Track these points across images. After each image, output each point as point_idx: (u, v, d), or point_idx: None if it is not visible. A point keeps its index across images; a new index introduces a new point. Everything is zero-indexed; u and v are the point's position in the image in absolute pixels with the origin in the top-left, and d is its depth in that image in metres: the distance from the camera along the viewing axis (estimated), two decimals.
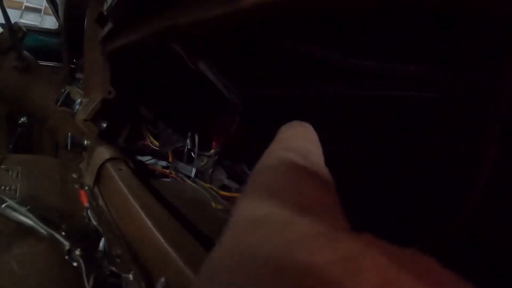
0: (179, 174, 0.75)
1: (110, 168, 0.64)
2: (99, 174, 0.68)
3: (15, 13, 4.46)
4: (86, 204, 0.58)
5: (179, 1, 0.34)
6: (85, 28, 0.78)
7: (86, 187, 0.67)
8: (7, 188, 0.61)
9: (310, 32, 0.42)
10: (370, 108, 0.46)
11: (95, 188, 0.67)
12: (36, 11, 4.82)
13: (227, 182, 0.71)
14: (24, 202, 0.53)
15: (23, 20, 4.09)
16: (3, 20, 1.07)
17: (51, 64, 1.37)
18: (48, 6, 1.52)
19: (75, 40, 0.99)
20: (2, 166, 0.71)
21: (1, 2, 1.03)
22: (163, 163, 0.86)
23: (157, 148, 0.83)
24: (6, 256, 0.44)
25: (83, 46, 0.82)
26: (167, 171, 0.79)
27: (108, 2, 0.49)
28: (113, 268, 0.41)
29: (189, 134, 0.77)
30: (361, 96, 0.44)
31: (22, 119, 1.35)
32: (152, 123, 0.87)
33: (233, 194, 0.63)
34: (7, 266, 0.42)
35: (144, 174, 0.72)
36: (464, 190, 0.31)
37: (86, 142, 0.80)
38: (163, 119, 0.84)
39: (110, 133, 0.81)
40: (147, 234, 0.44)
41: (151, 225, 0.44)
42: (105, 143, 0.76)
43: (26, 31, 1.14)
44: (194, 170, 0.73)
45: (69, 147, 0.80)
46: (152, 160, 0.89)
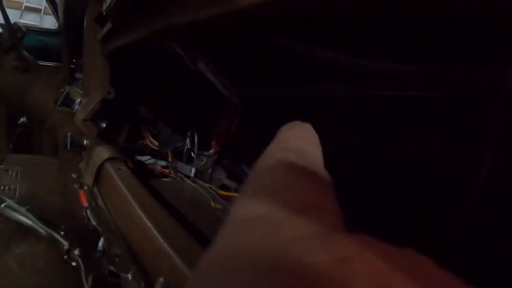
0: (179, 174, 0.75)
1: (110, 168, 0.64)
2: (99, 174, 0.68)
3: (15, 13, 4.46)
4: (86, 204, 0.58)
5: (178, 0, 0.34)
6: (84, 28, 0.77)
7: (86, 187, 0.67)
8: (7, 188, 0.61)
9: (310, 32, 0.42)
10: (370, 108, 0.46)
11: (95, 188, 0.67)
12: (35, 11, 4.82)
13: (226, 182, 0.71)
14: (24, 202, 0.53)
15: (23, 20, 4.09)
16: (2, 20, 1.07)
17: (51, 64, 1.37)
18: (47, 6, 1.52)
19: (75, 40, 0.99)
20: (2, 166, 0.71)
21: (0, 2, 1.03)
22: (163, 163, 0.86)
23: (156, 148, 0.83)
24: (5, 255, 0.44)
25: (82, 46, 0.82)
26: (166, 171, 0.79)
27: (107, 2, 0.49)
28: (112, 268, 0.41)
29: (188, 134, 0.76)
30: (361, 96, 0.44)
31: (21, 119, 1.35)
32: (151, 123, 0.87)
33: (232, 194, 0.63)
34: (6, 265, 0.42)
35: (143, 174, 0.72)
36: (464, 190, 0.31)
37: (85, 142, 0.80)
38: (162, 119, 0.84)
39: (110, 133, 0.81)
40: (146, 234, 0.44)
41: (150, 225, 0.44)
42: (104, 143, 0.76)
43: (25, 31, 1.14)
44: (194, 170, 0.73)
45: (68, 147, 0.80)
46: (152, 160, 0.89)
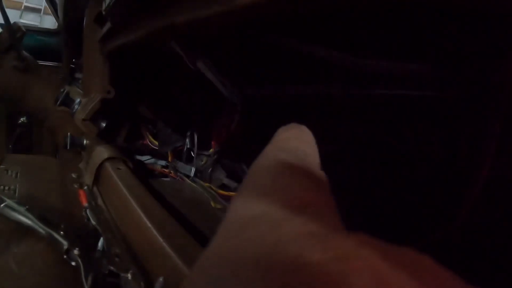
0: (179, 174, 0.75)
1: (109, 167, 0.64)
2: (98, 174, 0.68)
3: (15, 13, 4.46)
4: (85, 204, 0.58)
5: (177, 0, 0.34)
6: (84, 28, 0.77)
7: (85, 187, 0.67)
8: (6, 188, 0.61)
9: (310, 31, 0.42)
10: (370, 107, 0.46)
11: (94, 188, 0.67)
12: (35, 11, 4.82)
13: (226, 181, 0.71)
14: (23, 201, 0.53)
15: (22, 20, 4.10)
16: (2, 20, 1.07)
17: (51, 64, 1.37)
18: (47, 6, 1.51)
19: (75, 40, 0.99)
20: (2, 166, 0.71)
21: (0, 2, 1.03)
22: (163, 163, 0.86)
23: (156, 148, 0.83)
24: (5, 255, 0.44)
25: (82, 46, 0.82)
26: (166, 170, 0.79)
27: (106, 1, 0.49)
28: (111, 268, 0.40)
29: (188, 134, 0.76)
30: (361, 95, 0.44)
31: (21, 119, 1.35)
32: (151, 123, 0.87)
33: (232, 193, 0.63)
34: (6, 265, 0.42)
35: (143, 174, 0.72)
36: (464, 189, 0.31)
37: (85, 141, 0.80)
38: (162, 119, 0.84)
39: (109, 132, 0.81)
40: (146, 233, 0.44)
41: (150, 224, 0.44)
42: (104, 142, 0.76)
43: (25, 31, 1.14)
44: (194, 170, 0.73)
45: (68, 147, 0.80)
46: (152, 160, 0.89)
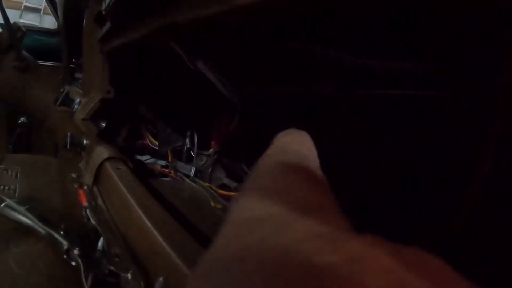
0: (178, 174, 0.75)
1: (109, 167, 0.64)
2: (98, 174, 0.68)
3: (15, 13, 4.46)
4: (85, 204, 0.58)
5: (176, 0, 0.34)
6: (84, 28, 0.77)
7: (85, 187, 0.67)
8: (6, 188, 0.61)
9: (309, 31, 0.42)
10: (370, 107, 0.46)
11: (94, 188, 0.67)
12: (35, 11, 4.81)
13: (226, 181, 0.71)
14: (23, 201, 0.53)
15: (22, 20, 4.09)
16: (2, 20, 1.07)
17: (51, 63, 1.37)
18: (47, 6, 1.51)
19: (74, 40, 0.99)
20: (1, 165, 0.71)
21: (0, 2, 1.03)
22: (162, 163, 0.86)
23: (156, 148, 0.83)
24: (5, 255, 0.44)
25: (82, 46, 0.82)
26: (166, 170, 0.79)
27: (106, 1, 0.49)
28: (111, 267, 0.40)
29: (188, 134, 0.76)
30: (361, 95, 0.44)
31: (21, 119, 1.35)
32: (151, 123, 0.87)
33: (232, 193, 0.63)
34: (6, 265, 0.42)
35: (143, 174, 0.72)
36: (464, 189, 0.31)
37: (85, 141, 0.80)
38: (162, 119, 0.84)
39: (109, 132, 0.81)
40: (145, 233, 0.44)
41: (150, 224, 0.44)
42: (104, 142, 0.76)
43: (25, 31, 1.14)
44: (194, 170, 0.73)
45: (68, 147, 0.80)
46: (151, 160, 0.89)
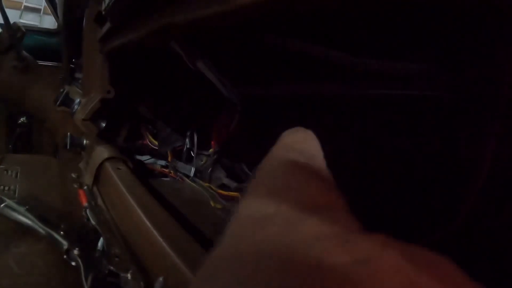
0: (178, 174, 0.75)
1: (109, 167, 0.64)
2: (98, 174, 0.68)
3: (15, 13, 4.46)
4: (85, 204, 0.58)
5: (176, 0, 0.34)
6: (84, 28, 0.77)
7: (85, 187, 0.67)
8: (6, 188, 0.62)
9: (310, 31, 0.42)
10: (370, 107, 0.46)
11: (94, 188, 0.67)
12: (35, 11, 4.81)
13: (226, 181, 0.71)
14: (23, 202, 0.53)
15: (22, 20, 4.09)
16: (2, 20, 1.07)
17: (51, 64, 1.37)
18: (47, 6, 1.51)
19: (74, 40, 0.99)
20: (1, 166, 0.71)
21: (0, 3, 1.03)
22: (162, 163, 0.86)
23: (156, 148, 0.83)
24: (5, 255, 0.44)
25: (82, 46, 0.82)
26: (166, 170, 0.79)
27: (106, 1, 0.49)
28: (111, 268, 0.41)
29: (188, 134, 0.76)
30: (361, 95, 0.44)
31: (21, 119, 1.35)
32: (151, 123, 0.87)
33: (231, 193, 0.63)
34: (6, 265, 0.42)
35: (143, 174, 0.72)
36: (464, 189, 0.31)
37: (85, 141, 0.80)
38: (162, 119, 0.84)
39: (109, 132, 0.81)
40: (145, 233, 0.44)
41: (150, 224, 0.44)
42: (104, 142, 0.76)
43: (25, 31, 1.14)
44: (193, 170, 0.73)
45: (68, 147, 0.80)
46: (151, 160, 0.89)
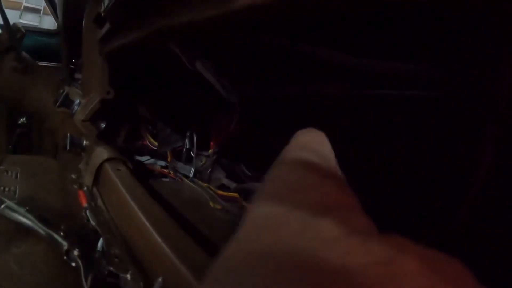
0: (178, 174, 0.75)
1: (109, 168, 0.65)
2: (98, 175, 0.68)
3: (14, 13, 4.45)
4: (85, 205, 0.58)
5: (174, 2, 0.34)
6: (83, 29, 0.78)
7: (85, 188, 0.67)
8: (6, 189, 0.62)
9: (309, 31, 0.42)
10: (370, 108, 0.46)
11: (94, 189, 0.67)
12: (35, 11, 4.81)
13: (225, 181, 0.71)
14: (23, 203, 0.53)
15: (22, 21, 4.09)
16: (1, 21, 1.07)
17: (50, 64, 1.37)
18: (46, 6, 1.51)
19: (74, 40, 0.99)
20: (1, 166, 0.71)
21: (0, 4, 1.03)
22: (162, 163, 0.86)
23: (155, 148, 0.83)
24: (5, 256, 0.44)
25: (81, 46, 0.82)
26: (165, 171, 0.79)
27: (105, 3, 0.49)
28: (111, 268, 0.41)
29: (187, 134, 0.77)
30: (361, 95, 0.44)
31: (21, 119, 1.35)
32: (150, 123, 0.88)
33: (231, 193, 0.63)
34: (6, 266, 0.43)
35: (143, 174, 0.73)
36: (463, 189, 0.31)
37: (85, 142, 0.81)
38: (161, 119, 0.84)
39: (109, 133, 0.81)
40: (145, 234, 0.44)
41: (149, 225, 0.44)
42: (103, 143, 0.76)
43: (24, 32, 1.14)
44: (193, 170, 0.73)
45: (68, 148, 0.80)
46: (151, 160, 0.89)
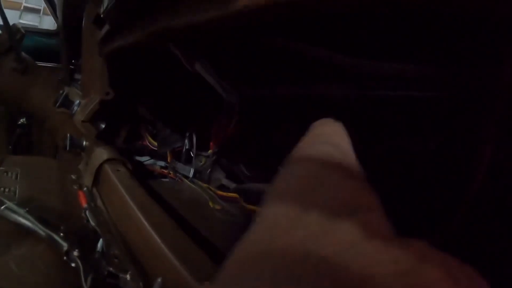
0: (178, 174, 0.75)
1: (108, 169, 0.65)
2: (98, 175, 0.68)
3: (14, 13, 4.45)
4: (85, 205, 0.58)
5: (174, 4, 0.34)
6: (82, 29, 0.78)
7: (85, 188, 0.67)
8: (6, 189, 0.62)
9: (309, 32, 0.42)
10: (370, 108, 0.46)
11: (94, 189, 0.67)
12: (35, 11, 4.81)
13: (225, 182, 0.71)
14: (23, 203, 0.53)
15: (22, 21, 4.09)
16: (1, 22, 1.07)
17: (50, 65, 1.37)
18: (46, 6, 1.52)
19: (74, 41, 0.99)
20: (1, 167, 0.71)
21: None
22: (162, 163, 0.86)
23: (155, 149, 0.84)
24: (5, 257, 0.44)
25: (81, 47, 0.82)
26: (165, 171, 0.80)
27: (104, 4, 0.50)
28: (110, 269, 0.41)
29: (187, 134, 0.77)
30: (360, 96, 0.45)
31: (21, 120, 1.36)
32: (150, 124, 0.88)
33: (230, 194, 0.63)
34: (6, 266, 0.43)
35: (142, 175, 0.73)
36: (462, 189, 0.31)
37: (84, 143, 0.81)
38: (161, 120, 0.84)
39: (109, 134, 0.81)
40: (144, 235, 0.44)
41: (149, 225, 0.44)
42: (103, 144, 0.76)
43: (24, 32, 1.14)
44: (193, 170, 0.73)
45: (68, 148, 0.80)
46: (151, 161, 0.90)
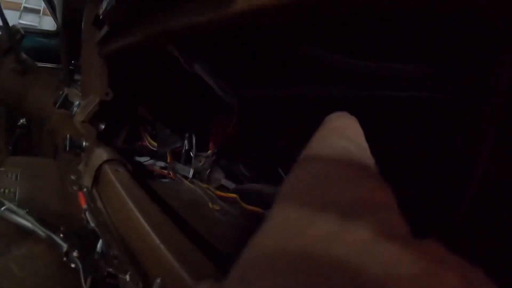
0: (177, 175, 0.75)
1: (108, 169, 0.65)
2: (97, 176, 0.68)
3: (14, 14, 4.45)
4: (84, 206, 0.58)
5: (172, 5, 0.34)
6: (82, 30, 0.78)
7: (85, 189, 0.68)
8: (6, 190, 0.62)
9: (308, 33, 0.42)
10: (370, 108, 0.46)
11: (93, 190, 0.68)
12: (34, 12, 4.80)
13: (224, 182, 0.71)
14: (23, 204, 0.53)
15: (21, 21, 4.09)
16: (1, 23, 1.07)
17: (50, 65, 1.37)
18: (46, 7, 1.52)
19: (73, 41, 0.99)
20: (1, 168, 0.71)
21: None
22: (161, 164, 0.86)
23: (155, 149, 0.84)
24: (5, 258, 0.44)
25: (81, 48, 0.82)
26: (165, 171, 0.80)
27: (103, 5, 0.50)
28: (110, 269, 0.41)
29: (186, 135, 0.77)
30: (360, 96, 0.45)
31: (21, 120, 1.36)
32: (150, 124, 0.88)
33: (230, 194, 0.64)
34: (6, 267, 0.43)
35: (142, 175, 0.73)
36: (461, 189, 0.31)
37: (84, 143, 0.81)
38: (161, 120, 0.84)
39: (108, 134, 0.81)
40: (143, 235, 0.44)
41: (148, 226, 0.44)
42: (103, 144, 0.76)
43: (24, 33, 1.14)
44: (192, 171, 0.73)
45: (67, 149, 0.80)
46: (151, 161, 0.90)
